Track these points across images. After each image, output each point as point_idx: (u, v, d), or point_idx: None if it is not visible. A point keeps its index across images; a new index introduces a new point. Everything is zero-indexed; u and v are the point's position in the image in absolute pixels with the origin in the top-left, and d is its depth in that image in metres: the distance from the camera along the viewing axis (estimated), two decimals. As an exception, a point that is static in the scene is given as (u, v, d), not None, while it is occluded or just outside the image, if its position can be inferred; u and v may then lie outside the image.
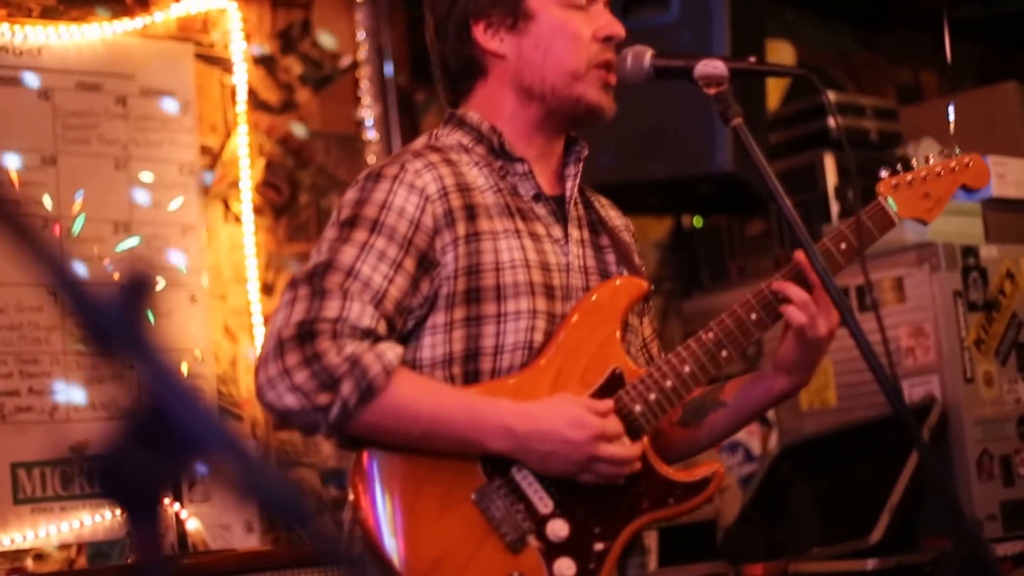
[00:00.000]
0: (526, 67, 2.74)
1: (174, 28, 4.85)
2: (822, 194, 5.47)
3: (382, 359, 2.44)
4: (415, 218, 2.57)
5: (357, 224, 2.55)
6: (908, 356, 4.79)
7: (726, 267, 5.82)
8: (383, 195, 2.57)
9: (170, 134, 4.74)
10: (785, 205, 2.66)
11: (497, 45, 2.75)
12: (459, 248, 2.59)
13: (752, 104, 4.58)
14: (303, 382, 2.39)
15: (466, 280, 2.59)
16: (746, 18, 4.87)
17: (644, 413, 2.66)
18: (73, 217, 4.48)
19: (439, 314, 2.60)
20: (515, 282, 2.62)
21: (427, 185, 2.60)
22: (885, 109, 5.99)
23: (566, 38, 2.73)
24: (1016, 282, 4.93)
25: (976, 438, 4.68)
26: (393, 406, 2.46)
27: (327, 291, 2.47)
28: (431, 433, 2.51)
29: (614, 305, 2.74)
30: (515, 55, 2.74)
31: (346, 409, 2.41)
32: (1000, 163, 5.12)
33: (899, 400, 2.60)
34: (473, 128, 2.76)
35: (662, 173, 4.82)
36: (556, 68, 2.73)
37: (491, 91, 2.78)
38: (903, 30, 7.22)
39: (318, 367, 2.39)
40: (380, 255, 2.52)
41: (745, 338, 2.77)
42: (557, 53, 2.73)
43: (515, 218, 2.68)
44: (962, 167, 2.96)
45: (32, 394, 4.30)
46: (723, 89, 2.69)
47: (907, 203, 2.90)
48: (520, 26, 2.74)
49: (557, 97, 2.74)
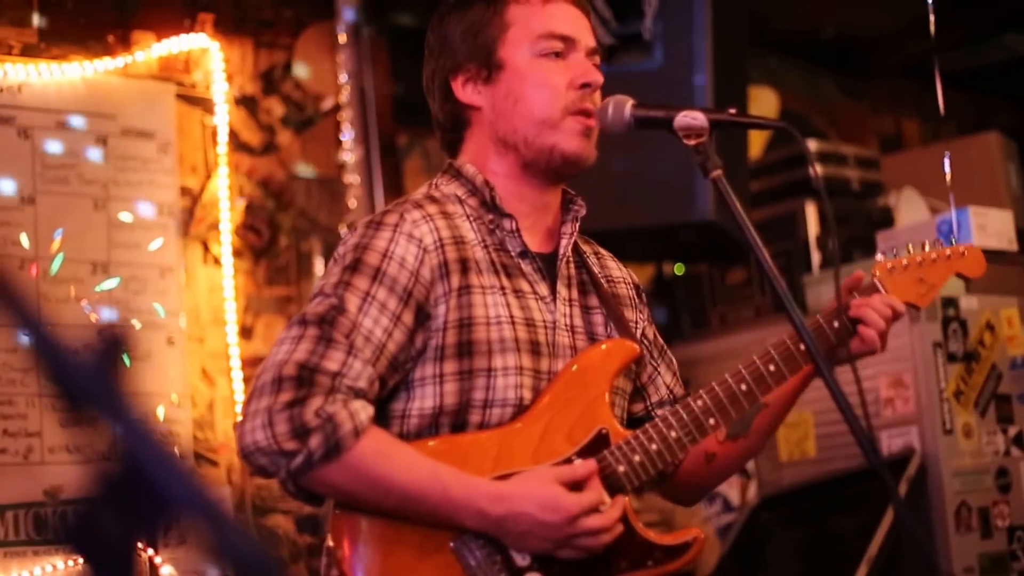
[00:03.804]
0: (499, 118, 2.77)
1: (156, 68, 4.83)
2: (803, 243, 5.47)
3: (355, 418, 2.44)
4: (414, 269, 2.59)
5: (359, 271, 2.57)
6: (887, 407, 4.78)
7: (707, 315, 5.81)
8: (384, 243, 2.60)
9: (150, 174, 4.72)
10: (764, 259, 2.65)
11: (474, 98, 2.79)
12: (451, 300, 2.60)
13: (734, 152, 4.59)
14: (279, 423, 2.40)
15: (457, 333, 2.60)
16: (730, 65, 4.88)
17: (627, 473, 2.66)
18: (51, 257, 4.45)
19: (428, 365, 2.61)
20: (502, 338, 2.63)
21: (424, 236, 2.62)
22: (867, 158, 6.00)
23: (536, 87, 2.75)
24: (996, 333, 4.93)
25: (955, 490, 4.67)
26: (354, 470, 2.45)
27: (334, 340, 2.49)
28: (402, 508, 2.51)
29: (604, 367, 2.74)
30: (489, 106, 2.78)
31: (309, 461, 2.41)
32: (981, 214, 5.12)
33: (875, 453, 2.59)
34: (468, 180, 2.78)
35: (643, 220, 4.82)
36: (526, 117, 2.74)
37: (476, 143, 2.82)
38: (886, 79, 7.25)
39: (297, 414, 2.40)
40: (381, 307, 2.54)
41: (734, 408, 2.77)
42: (527, 102, 2.74)
43: (500, 275, 2.69)
44: (957, 255, 2.96)
45: (7, 436, 4.27)
46: (703, 140, 2.68)
47: (900, 287, 2.89)
48: (494, 77, 2.77)
49: (530, 147, 2.75)
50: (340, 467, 2.43)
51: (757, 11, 5.60)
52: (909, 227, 5.34)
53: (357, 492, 2.49)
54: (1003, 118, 7.07)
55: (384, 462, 2.48)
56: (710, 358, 5.50)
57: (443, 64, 2.80)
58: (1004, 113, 7.38)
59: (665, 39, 4.82)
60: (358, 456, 2.44)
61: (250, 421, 2.42)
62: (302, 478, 2.44)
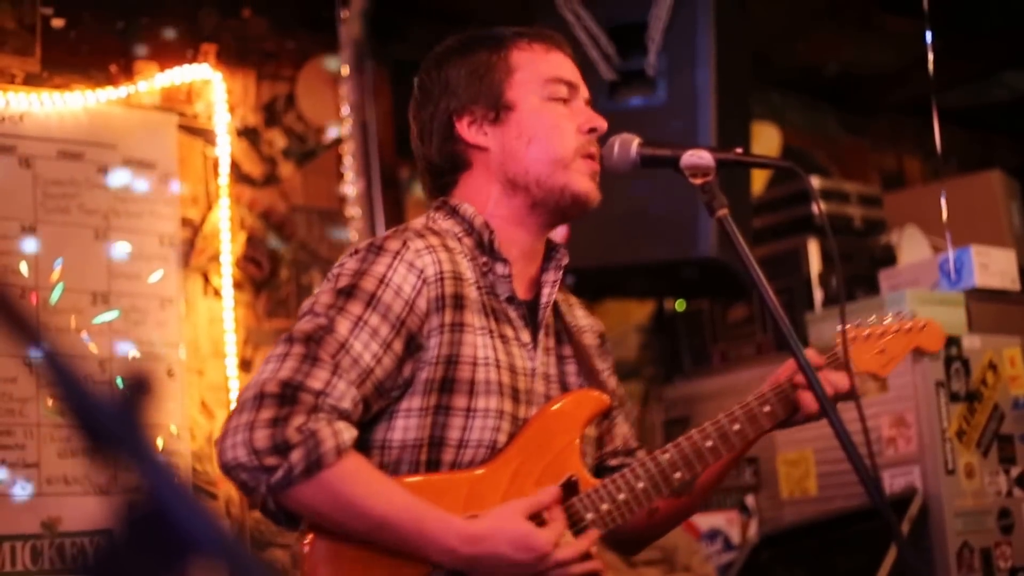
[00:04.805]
0: (510, 158, 2.76)
1: (158, 98, 4.83)
2: (805, 280, 5.46)
3: (337, 437, 2.43)
4: (410, 299, 2.58)
5: (355, 295, 2.56)
6: (889, 446, 4.76)
7: (708, 352, 5.79)
8: (383, 269, 2.59)
9: (151, 205, 4.71)
10: (769, 297, 2.66)
11: (481, 139, 2.78)
12: (444, 335, 2.60)
13: (737, 189, 4.58)
14: (260, 439, 2.39)
15: (444, 368, 2.60)
16: (733, 101, 4.88)
17: (595, 521, 2.67)
18: (51, 287, 4.43)
19: (416, 398, 2.60)
20: (487, 379, 2.63)
21: (426, 267, 2.61)
22: (869, 196, 6.00)
23: (549, 128, 2.76)
24: (998, 373, 4.91)
25: (957, 530, 4.65)
26: (332, 490, 2.44)
27: (319, 359, 2.48)
28: (374, 533, 2.50)
29: (576, 416, 2.75)
30: (498, 147, 2.77)
31: (289, 476, 2.39)
32: (983, 253, 5.12)
33: (878, 493, 2.58)
34: (466, 220, 2.77)
35: (645, 257, 4.81)
36: (540, 157, 2.75)
37: (475, 183, 2.80)
38: (888, 116, 7.25)
39: (279, 430, 2.40)
40: (373, 332, 2.54)
41: (700, 463, 2.78)
42: (541, 142, 2.75)
43: (489, 317, 2.69)
44: (917, 329, 3.01)
45: (5, 466, 4.24)
46: (709, 180, 2.68)
47: (862, 356, 2.95)
48: (502, 118, 2.77)
49: (542, 187, 2.75)
50: (319, 484, 2.42)
51: (760, 48, 5.61)
52: (911, 265, 5.33)
53: (332, 512, 2.47)
54: (1005, 156, 7.07)
55: (362, 485, 2.47)
56: (711, 395, 5.49)
57: (445, 106, 2.79)
58: (1006, 151, 7.38)
59: (668, 75, 4.82)
60: (337, 475, 2.43)
61: (230, 437, 2.41)
62: (281, 494, 2.42)
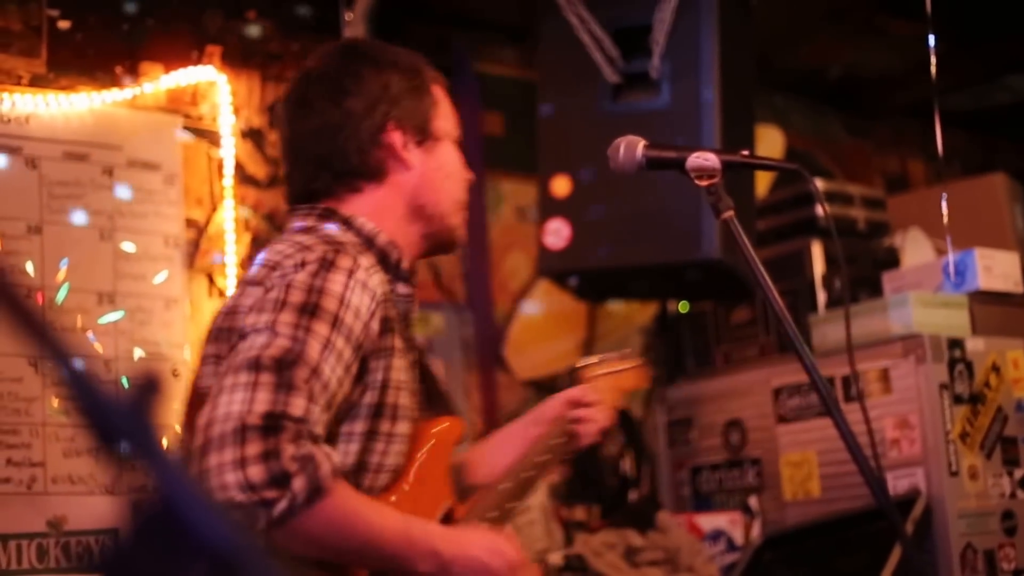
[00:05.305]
0: (427, 186, 2.78)
1: (163, 100, 4.84)
2: (809, 283, 5.46)
3: (330, 459, 2.33)
4: (366, 321, 2.50)
5: (318, 315, 2.43)
6: (893, 448, 4.76)
7: (711, 354, 5.80)
8: (340, 288, 2.47)
9: (155, 206, 4.72)
10: (774, 299, 2.66)
11: (408, 155, 2.76)
12: (382, 358, 2.55)
13: (741, 191, 4.59)
14: (255, 474, 2.23)
15: (380, 392, 2.56)
16: (737, 104, 4.89)
17: None
18: (57, 287, 4.44)
19: (358, 422, 2.54)
20: (405, 404, 2.61)
21: (376, 288, 2.54)
22: (873, 198, 6.00)
23: (458, 170, 2.85)
24: (1002, 375, 4.92)
25: (960, 532, 4.65)
26: (337, 513, 2.35)
27: (294, 387, 2.34)
28: (366, 548, 2.43)
29: (447, 441, 2.79)
30: (419, 171, 2.77)
31: (293, 506, 2.26)
32: (987, 256, 5.12)
33: (884, 493, 2.59)
34: (363, 235, 2.70)
35: (649, 259, 4.82)
36: (449, 196, 2.81)
37: (382, 199, 2.75)
38: (891, 119, 7.26)
39: (274, 463, 2.24)
40: (338, 356, 2.43)
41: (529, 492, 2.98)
42: (453, 182, 2.83)
43: (402, 339, 2.65)
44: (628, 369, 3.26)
45: (11, 465, 4.25)
46: (715, 182, 2.68)
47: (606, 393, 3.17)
48: (428, 145, 2.78)
49: (441, 224, 2.81)
50: (321, 509, 2.30)
51: (763, 51, 5.62)
52: (915, 268, 5.34)
53: (332, 536, 2.37)
54: (1009, 159, 7.08)
55: (356, 501, 2.42)
56: (714, 396, 5.49)
57: (385, 110, 2.74)
58: (1010, 154, 7.39)
59: (672, 78, 4.83)
60: (337, 497, 2.33)
61: (215, 477, 2.23)
62: (283, 526, 2.27)
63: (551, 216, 4.93)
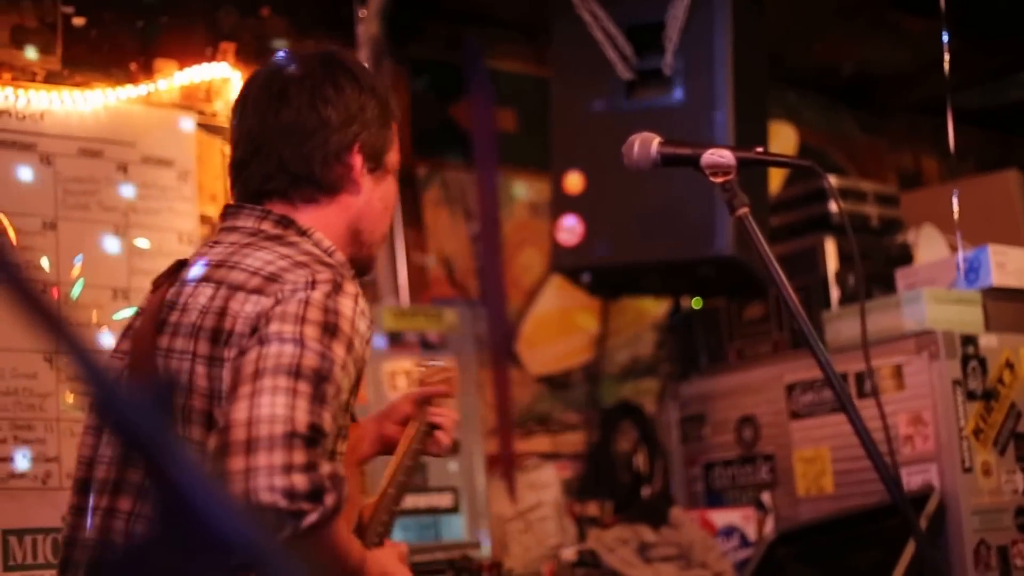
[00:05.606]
0: (369, 213, 2.79)
1: (177, 96, 4.85)
2: (822, 279, 5.46)
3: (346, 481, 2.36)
4: (364, 348, 2.53)
5: (337, 336, 2.43)
6: (906, 444, 4.76)
7: (724, 350, 5.80)
8: (350, 313, 2.47)
9: (169, 202, 4.73)
10: (788, 295, 2.66)
11: (361, 180, 2.77)
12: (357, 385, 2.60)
13: (754, 187, 4.59)
14: (300, 483, 2.24)
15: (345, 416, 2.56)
16: (750, 101, 4.89)
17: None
18: (72, 282, 4.46)
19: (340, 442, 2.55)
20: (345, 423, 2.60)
21: (369, 313, 2.56)
22: (887, 195, 6.00)
23: (392, 208, 2.91)
24: (1015, 372, 4.92)
25: (974, 528, 4.65)
26: (342, 535, 2.44)
27: (325, 401, 2.35)
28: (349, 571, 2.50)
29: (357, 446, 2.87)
30: (366, 197, 2.78)
31: (321, 521, 2.26)
32: (1000, 252, 5.12)
33: (898, 489, 2.59)
34: (320, 249, 2.69)
35: (662, 255, 4.83)
36: (382, 228, 2.85)
37: (329, 216, 2.75)
38: (904, 115, 7.25)
39: (315, 475, 2.26)
40: (349, 379, 2.45)
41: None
42: (387, 217, 2.88)
43: None
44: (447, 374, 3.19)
45: (26, 460, 4.27)
46: (730, 178, 2.68)
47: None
48: (378, 175, 2.80)
49: (368, 252, 2.84)
50: (335, 529, 2.36)
51: (776, 47, 5.62)
52: (928, 264, 5.34)
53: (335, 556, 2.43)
54: (1023, 156, 7.06)
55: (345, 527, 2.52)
56: (726, 392, 5.49)
57: (357, 129, 2.74)
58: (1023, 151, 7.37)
59: (685, 75, 4.83)
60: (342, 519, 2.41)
61: (265, 478, 2.22)
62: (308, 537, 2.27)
63: (564, 212, 4.93)
